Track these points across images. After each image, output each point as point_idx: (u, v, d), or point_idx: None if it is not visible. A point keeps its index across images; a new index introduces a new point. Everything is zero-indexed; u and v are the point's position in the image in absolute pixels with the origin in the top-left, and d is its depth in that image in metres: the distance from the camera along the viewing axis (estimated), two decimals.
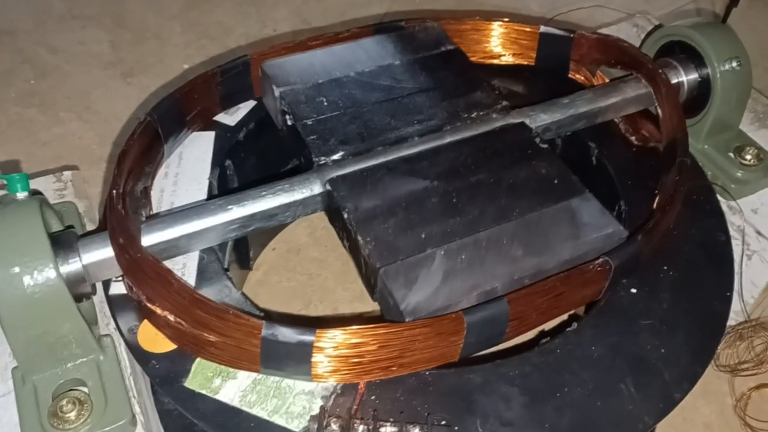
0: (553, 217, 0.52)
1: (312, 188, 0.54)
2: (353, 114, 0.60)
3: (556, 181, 0.55)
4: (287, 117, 0.61)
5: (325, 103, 0.61)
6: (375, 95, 0.62)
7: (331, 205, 0.55)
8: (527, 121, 0.61)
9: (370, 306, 0.76)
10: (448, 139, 0.58)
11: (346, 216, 0.52)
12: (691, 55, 0.68)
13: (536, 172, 0.56)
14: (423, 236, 0.51)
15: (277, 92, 0.62)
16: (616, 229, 0.52)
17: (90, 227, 0.62)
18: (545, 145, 0.58)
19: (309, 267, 0.80)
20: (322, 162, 0.56)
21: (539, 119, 0.61)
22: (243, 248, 0.76)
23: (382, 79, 0.63)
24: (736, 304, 0.59)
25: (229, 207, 0.52)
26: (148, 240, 0.50)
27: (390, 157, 0.56)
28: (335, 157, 0.56)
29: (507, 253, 0.50)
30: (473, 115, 0.60)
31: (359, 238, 0.51)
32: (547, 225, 0.52)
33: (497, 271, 0.49)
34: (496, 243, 0.50)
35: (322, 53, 0.67)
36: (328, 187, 0.54)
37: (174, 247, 0.52)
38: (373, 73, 0.64)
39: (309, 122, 0.59)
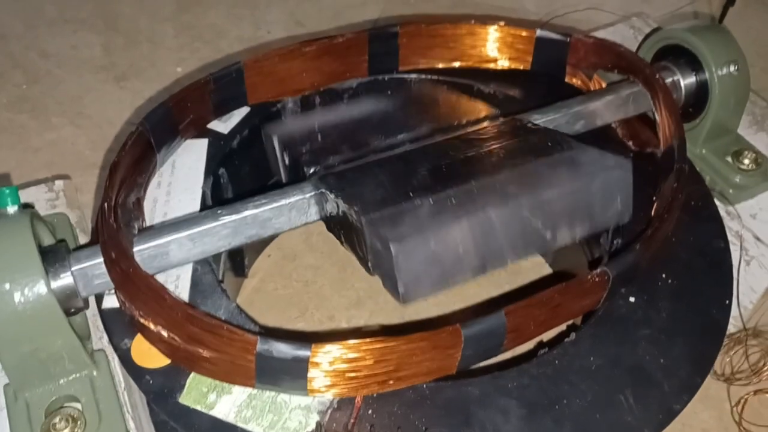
0: (550, 164, 0.52)
1: (303, 190, 0.54)
2: (344, 135, 0.63)
3: (549, 144, 0.55)
4: (285, 155, 0.62)
5: (320, 139, 0.63)
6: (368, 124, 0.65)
7: (324, 205, 0.54)
8: None
9: (367, 313, 0.75)
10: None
11: (333, 196, 0.51)
12: (688, 59, 0.68)
13: (529, 141, 0.55)
14: (411, 195, 0.50)
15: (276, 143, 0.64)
16: (618, 160, 0.52)
17: (83, 238, 0.61)
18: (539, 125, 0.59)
19: (305, 274, 0.80)
20: (312, 170, 0.56)
21: None
22: (238, 256, 0.75)
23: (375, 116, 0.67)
24: (733, 311, 0.58)
25: (223, 220, 0.52)
26: (140, 254, 0.50)
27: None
28: (327, 163, 0.58)
29: (502, 190, 0.49)
30: (464, 122, 0.61)
31: (348, 207, 0.49)
32: (544, 169, 0.51)
33: (490, 201, 0.49)
34: (488, 187, 0.50)
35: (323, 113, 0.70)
36: (320, 185, 0.53)
37: (167, 261, 0.51)
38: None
39: (304, 150, 0.61)
